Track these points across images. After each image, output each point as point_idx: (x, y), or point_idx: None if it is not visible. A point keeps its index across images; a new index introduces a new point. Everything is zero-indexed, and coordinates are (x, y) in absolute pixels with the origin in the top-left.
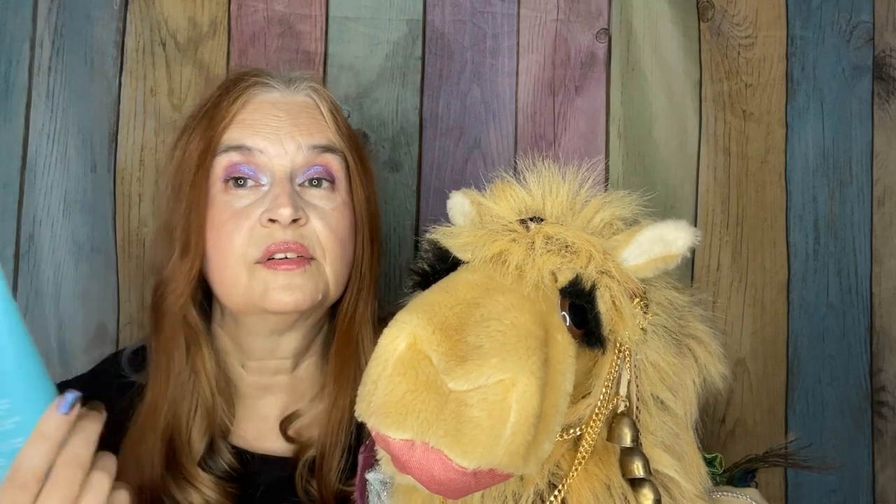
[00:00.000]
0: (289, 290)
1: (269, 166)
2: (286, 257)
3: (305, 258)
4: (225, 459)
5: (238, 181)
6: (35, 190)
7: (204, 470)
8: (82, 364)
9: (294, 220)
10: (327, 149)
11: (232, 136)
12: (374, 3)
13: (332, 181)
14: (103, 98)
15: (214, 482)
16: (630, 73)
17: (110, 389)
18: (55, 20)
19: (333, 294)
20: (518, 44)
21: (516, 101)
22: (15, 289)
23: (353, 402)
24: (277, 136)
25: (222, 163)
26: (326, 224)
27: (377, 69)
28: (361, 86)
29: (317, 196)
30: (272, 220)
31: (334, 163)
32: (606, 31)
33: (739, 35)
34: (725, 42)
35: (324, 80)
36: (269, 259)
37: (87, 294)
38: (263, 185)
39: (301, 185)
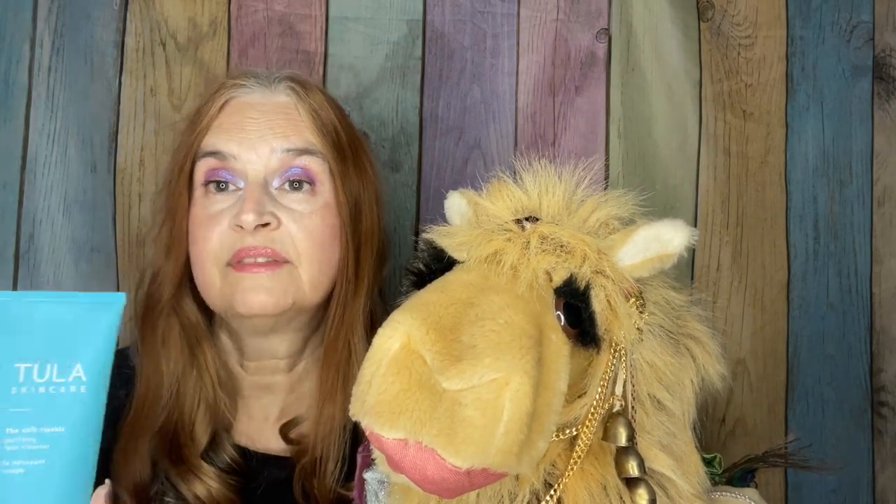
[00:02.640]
0: (254, 292)
1: (243, 171)
2: (256, 262)
3: (278, 261)
4: (227, 453)
5: (219, 185)
6: (35, 190)
7: (206, 462)
8: None
9: (265, 225)
10: (304, 151)
11: (209, 141)
12: (374, 3)
13: (311, 183)
14: (103, 98)
15: (217, 474)
16: (630, 73)
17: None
18: (55, 20)
19: (311, 298)
20: (518, 44)
21: (516, 101)
22: (15, 289)
23: (342, 408)
24: (250, 141)
25: (202, 168)
26: (302, 227)
27: (377, 69)
28: (361, 86)
29: (295, 199)
30: (239, 226)
31: (313, 164)
32: (606, 31)
33: (739, 35)
34: (725, 42)
35: (324, 80)
36: (238, 262)
37: None
38: (241, 188)
39: (280, 188)
